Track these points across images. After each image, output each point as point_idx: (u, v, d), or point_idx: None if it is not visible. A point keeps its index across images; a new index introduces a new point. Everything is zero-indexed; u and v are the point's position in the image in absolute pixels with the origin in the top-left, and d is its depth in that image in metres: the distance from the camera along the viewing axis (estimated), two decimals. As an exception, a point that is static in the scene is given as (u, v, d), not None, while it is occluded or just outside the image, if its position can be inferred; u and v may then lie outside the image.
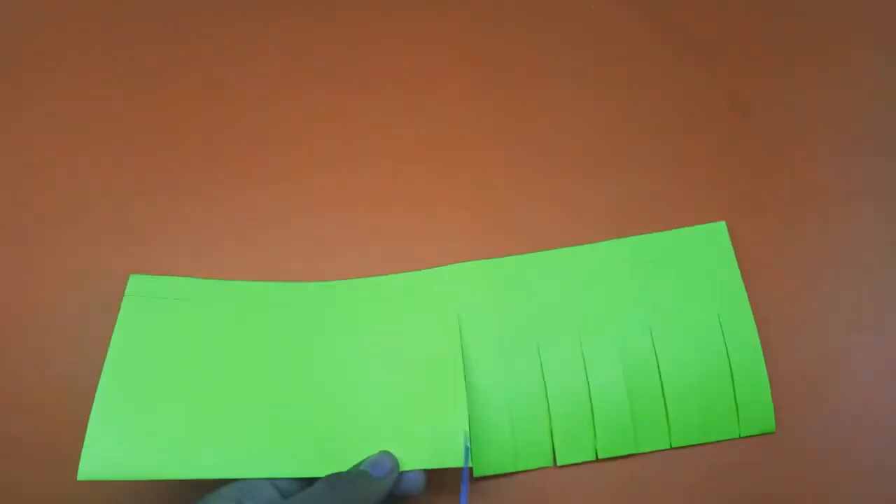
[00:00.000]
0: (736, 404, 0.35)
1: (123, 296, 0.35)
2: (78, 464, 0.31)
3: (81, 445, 0.31)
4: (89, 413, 0.32)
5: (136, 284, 0.36)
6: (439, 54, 0.44)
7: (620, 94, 0.42)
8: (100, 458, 0.31)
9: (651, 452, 0.35)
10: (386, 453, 0.31)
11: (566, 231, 0.38)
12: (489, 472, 0.34)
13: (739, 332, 0.35)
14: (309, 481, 0.31)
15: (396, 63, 0.43)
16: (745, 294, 0.36)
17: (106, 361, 0.33)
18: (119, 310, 0.35)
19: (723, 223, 0.38)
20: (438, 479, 0.33)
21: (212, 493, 0.29)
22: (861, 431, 0.35)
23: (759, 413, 0.35)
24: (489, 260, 0.37)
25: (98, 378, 0.33)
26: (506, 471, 0.34)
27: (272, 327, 0.35)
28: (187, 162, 0.41)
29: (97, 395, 0.33)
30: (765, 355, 0.35)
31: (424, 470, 0.32)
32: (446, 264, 0.37)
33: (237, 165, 0.41)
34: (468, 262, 0.37)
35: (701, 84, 0.42)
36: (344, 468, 0.31)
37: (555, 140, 0.41)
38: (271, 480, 0.31)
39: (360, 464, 0.31)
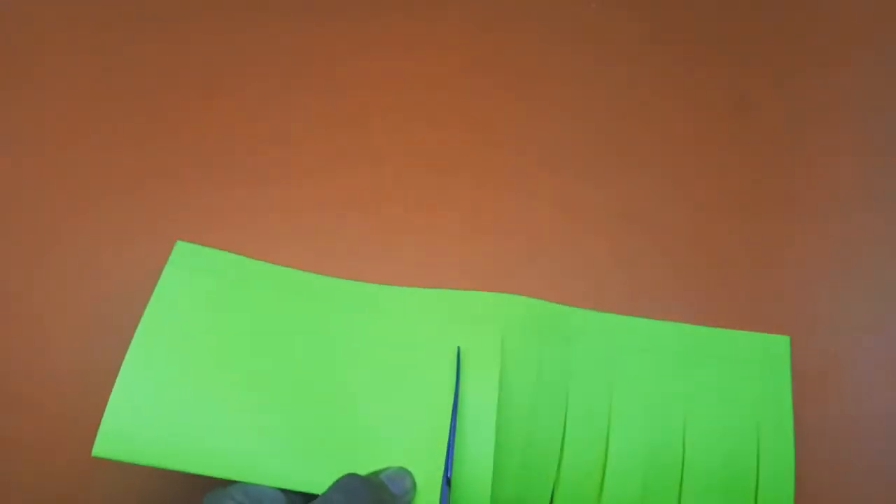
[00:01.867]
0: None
1: (166, 263, 0.34)
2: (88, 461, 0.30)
3: (91, 443, 0.30)
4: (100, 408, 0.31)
5: (181, 252, 0.34)
6: (440, 55, 0.44)
7: (620, 94, 0.42)
8: (116, 438, 0.29)
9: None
10: (406, 471, 0.29)
11: (567, 231, 0.38)
12: None
13: (776, 450, 0.33)
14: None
15: (397, 64, 0.43)
16: (791, 417, 0.34)
17: (136, 335, 0.32)
18: (155, 282, 0.33)
19: (786, 338, 0.35)
20: None
21: (218, 490, 0.27)
22: (860, 432, 0.35)
23: None
24: (534, 299, 0.35)
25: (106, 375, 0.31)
26: None
27: (312, 323, 0.34)
28: (190, 159, 0.41)
29: (122, 369, 0.30)
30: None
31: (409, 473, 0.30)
32: (491, 291, 0.35)
33: (243, 164, 0.41)
34: (511, 295, 0.35)
35: (701, 84, 0.42)
36: None
37: (554, 141, 0.41)
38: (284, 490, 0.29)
39: (378, 472, 0.29)
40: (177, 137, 0.42)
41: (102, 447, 0.29)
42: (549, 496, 0.33)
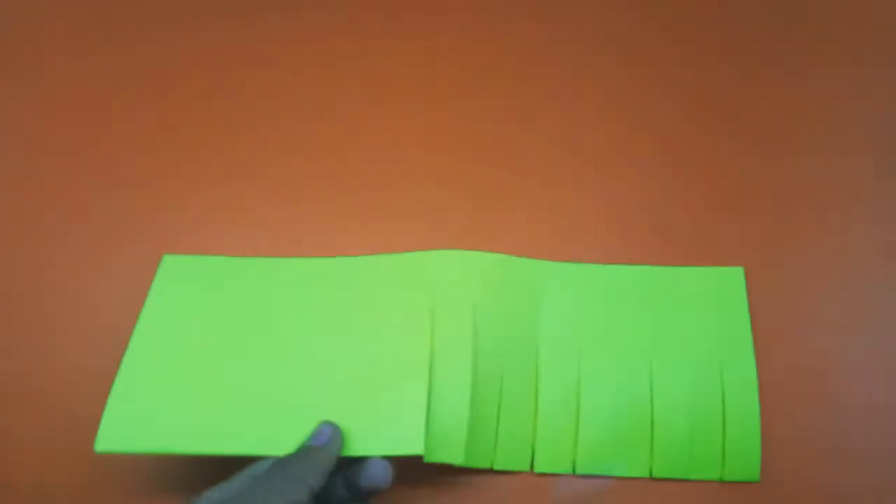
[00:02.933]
0: (723, 449, 0.34)
1: (155, 275, 0.37)
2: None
3: (90, 442, 0.32)
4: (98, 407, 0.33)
5: (169, 265, 0.38)
6: (438, 56, 0.44)
7: (620, 94, 0.43)
8: (117, 432, 0.32)
9: (630, 478, 0.34)
10: (325, 423, 0.31)
11: (561, 226, 0.39)
12: (454, 462, 0.33)
13: (740, 379, 0.35)
14: None
15: (398, 65, 0.44)
16: (751, 344, 0.36)
17: (132, 337, 0.34)
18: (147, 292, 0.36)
19: (741, 269, 0.37)
20: (411, 473, 0.33)
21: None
22: (857, 431, 0.34)
23: (746, 462, 0.34)
24: (500, 255, 0.38)
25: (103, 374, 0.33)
26: (481, 466, 0.34)
27: (294, 302, 0.36)
28: (192, 154, 0.43)
29: (121, 368, 0.33)
30: (761, 354, 0.35)
31: (390, 462, 0.31)
32: (458, 248, 0.37)
33: (243, 156, 0.42)
34: (481, 252, 0.37)
35: (701, 84, 0.43)
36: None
37: (552, 139, 0.42)
38: (252, 473, 0.30)
39: (303, 442, 0.31)
40: (173, 138, 0.43)
41: (104, 442, 0.31)
42: (530, 446, 0.35)
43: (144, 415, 0.32)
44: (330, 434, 0.31)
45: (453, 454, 0.33)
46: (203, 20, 0.47)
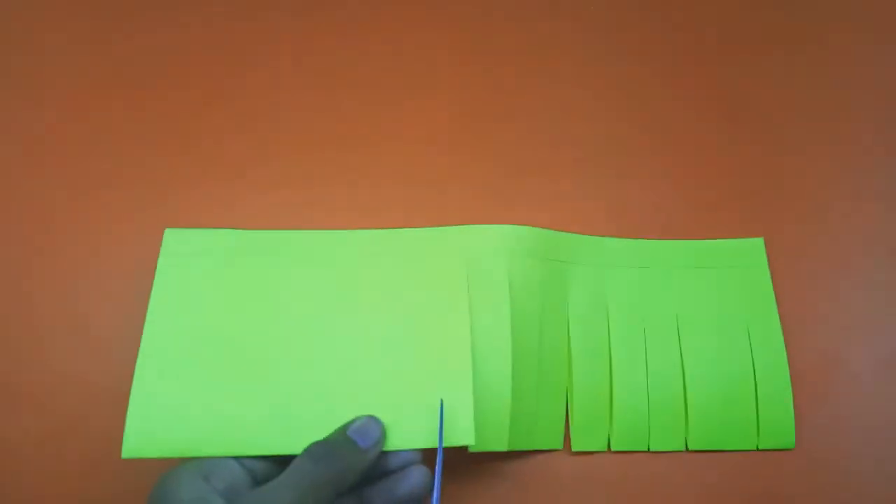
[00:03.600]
0: (757, 418, 0.34)
1: (159, 254, 0.33)
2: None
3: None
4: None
5: (172, 239, 0.34)
6: (437, 56, 0.43)
7: (619, 94, 0.42)
8: (142, 436, 0.29)
9: (666, 452, 0.34)
10: (373, 419, 0.29)
11: (563, 219, 0.38)
12: (499, 448, 0.32)
13: (768, 347, 0.35)
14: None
15: (397, 65, 0.43)
16: (776, 312, 0.36)
17: (144, 333, 0.31)
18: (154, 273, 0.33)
19: (761, 240, 0.38)
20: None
21: (178, 467, 0.27)
22: (860, 431, 0.35)
23: (781, 429, 0.34)
24: (533, 228, 0.36)
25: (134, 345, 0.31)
26: (516, 448, 0.33)
27: (314, 280, 0.33)
28: (193, 149, 0.40)
29: (136, 369, 0.31)
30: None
31: (426, 470, 0.29)
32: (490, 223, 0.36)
33: (237, 154, 0.40)
34: (514, 226, 0.35)
35: (700, 84, 0.42)
36: None
37: (551, 138, 0.41)
38: (239, 460, 0.28)
39: (343, 428, 0.29)
40: (168, 135, 0.41)
41: (131, 448, 0.29)
42: (565, 425, 0.34)
43: (167, 417, 0.30)
44: (376, 438, 0.28)
45: (498, 441, 0.31)
46: (204, 13, 0.44)
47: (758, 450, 0.34)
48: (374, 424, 0.29)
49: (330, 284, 0.33)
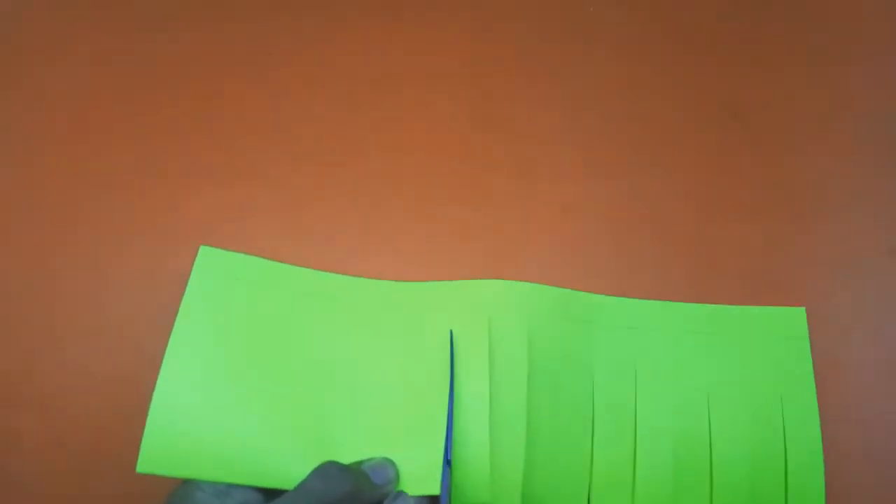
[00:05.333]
0: (786, 493, 0.32)
1: (192, 270, 0.34)
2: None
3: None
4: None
5: (206, 257, 0.35)
6: (438, 56, 0.43)
7: (619, 95, 0.42)
8: (158, 453, 0.30)
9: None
10: (389, 461, 0.30)
11: (567, 228, 0.39)
12: None
13: (801, 421, 0.33)
14: None
15: (397, 65, 0.43)
16: (813, 385, 0.34)
17: (168, 349, 0.32)
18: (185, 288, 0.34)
19: (803, 310, 0.36)
20: None
21: (193, 481, 0.28)
22: (859, 431, 0.34)
23: None
24: (556, 288, 0.36)
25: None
26: None
27: (333, 323, 0.34)
28: (194, 157, 0.40)
29: (157, 385, 0.31)
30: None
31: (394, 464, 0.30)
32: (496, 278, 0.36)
33: (245, 161, 0.40)
34: (535, 284, 0.35)
35: (700, 85, 0.42)
36: None
37: (552, 141, 0.41)
38: None
39: (359, 463, 0.29)
40: (179, 135, 0.41)
41: (146, 463, 0.30)
42: (587, 490, 0.33)
43: (184, 437, 0.31)
44: (389, 478, 0.29)
45: (511, 498, 0.31)
46: (207, 20, 0.45)
47: None
48: (389, 466, 0.30)
49: (349, 329, 0.34)
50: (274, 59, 0.43)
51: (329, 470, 0.27)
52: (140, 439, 0.31)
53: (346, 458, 0.30)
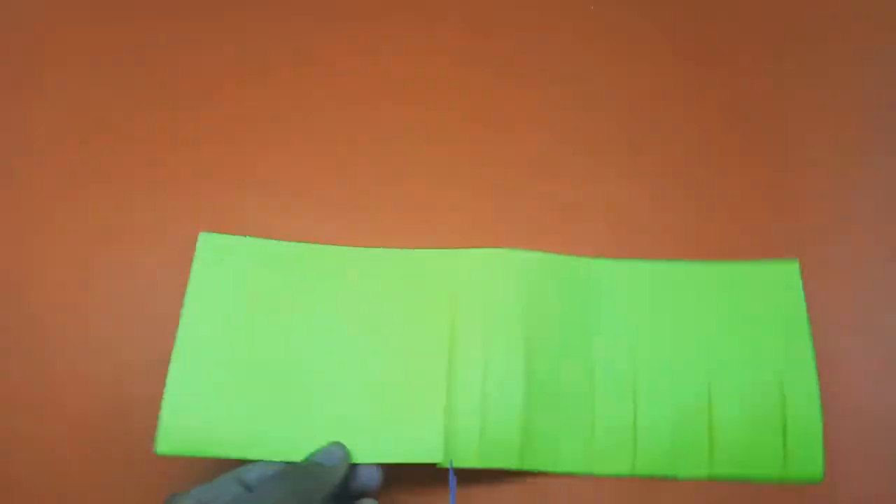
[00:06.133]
0: (785, 448, 0.34)
1: (193, 257, 0.35)
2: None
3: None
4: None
5: (206, 243, 0.36)
6: (441, 55, 0.44)
7: (619, 95, 0.42)
8: (176, 433, 0.31)
9: (690, 481, 0.34)
10: (336, 444, 0.32)
11: (564, 227, 0.39)
12: (528, 468, 0.33)
13: (799, 375, 0.35)
14: None
15: (398, 64, 0.43)
16: (809, 338, 0.35)
17: (178, 331, 0.33)
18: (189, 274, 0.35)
19: (796, 261, 0.37)
20: (399, 475, 0.33)
21: (177, 494, 0.28)
22: (859, 432, 0.34)
23: (808, 461, 0.34)
24: (551, 254, 0.37)
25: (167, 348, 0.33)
26: (540, 469, 0.34)
27: (340, 294, 0.35)
28: (196, 153, 0.41)
29: (170, 367, 0.33)
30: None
31: (379, 465, 0.32)
32: (497, 247, 0.37)
33: (245, 155, 0.41)
34: (530, 251, 0.36)
35: (700, 84, 0.42)
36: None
37: (552, 141, 0.41)
38: (243, 483, 0.30)
39: (311, 455, 0.31)
40: (181, 132, 0.41)
41: (164, 444, 0.31)
42: (589, 448, 0.34)
43: (199, 415, 0.32)
44: (340, 457, 0.31)
45: (508, 458, 0.33)
46: (208, 18, 0.45)
47: (783, 480, 0.34)
48: (336, 447, 0.31)
49: (344, 299, 0.35)
50: (272, 59, 0.44)
51: (282, 471, 0.30)
52: (140, 439, 0.32)
53: (354, 430, 0.32)
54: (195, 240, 0.36)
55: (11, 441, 0.35)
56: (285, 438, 0.32)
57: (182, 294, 0.34)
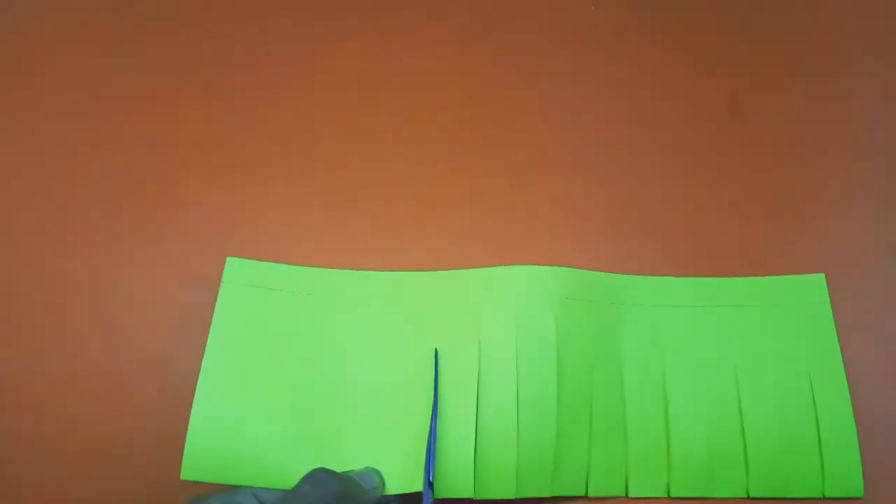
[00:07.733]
0: (822, 463, 0.33)
1: (221, 281, 0.35)
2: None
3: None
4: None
5: (234, 268, 0.36)
6: (439, 56, 0.44)
7: (619, 95, 0.42)
8: (201, 459, 0.31)
9: (726, 499, 0.33)
10: (374, 470, 0.31)
11: (570, 230, 0.39)
12: (540, 493, 0.32)
13: (830, 389, 0.34)
14: None
15: (398, 64, 0.43)
16: (839, 352, 0.35)
17: (205, 356, 0.33)
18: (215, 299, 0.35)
19: (822, 276, 0.37)
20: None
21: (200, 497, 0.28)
22: (859, 432, 0.33)
23: (847, 476, 0.33)
24: (578, 270, 0.36)
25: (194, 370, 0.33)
26: (575, 494, 0.33)
27: (363, 319, 0.35)
28: (196, 160, 0.41)
29: (197, 392, 0.33)
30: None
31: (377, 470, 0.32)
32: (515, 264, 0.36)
33: (247, 163, 0.41)
34: (559, 267, 0.35)
35: (700, 85, 0.42)
36: None
37: (552, 141, 0.41)
38: (257, 496, 0.29)
39: (350, 472, 0.31)
40: (180, 138, 0.41)
41: (189, 471, 0.31)
42: (624, 470, 0.33)
43: (224, 442, 0.32)
44: (376, 483, 0.31)
45: (541, 487, 0.32)
46: (213, 22, 0.45)
47: (824, 497, 0.33)
48: (374, 473, 0.31)
49: (369, 324, 0.35)
50: (272, 60, 0.44)
51: (318, 474, 0.28)
52: (141, 441, 0.33)
53: (382, 461, 0.32)
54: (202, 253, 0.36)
55: (11, 441, 0.34)
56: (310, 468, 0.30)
57: (186, 304, 0.35)
